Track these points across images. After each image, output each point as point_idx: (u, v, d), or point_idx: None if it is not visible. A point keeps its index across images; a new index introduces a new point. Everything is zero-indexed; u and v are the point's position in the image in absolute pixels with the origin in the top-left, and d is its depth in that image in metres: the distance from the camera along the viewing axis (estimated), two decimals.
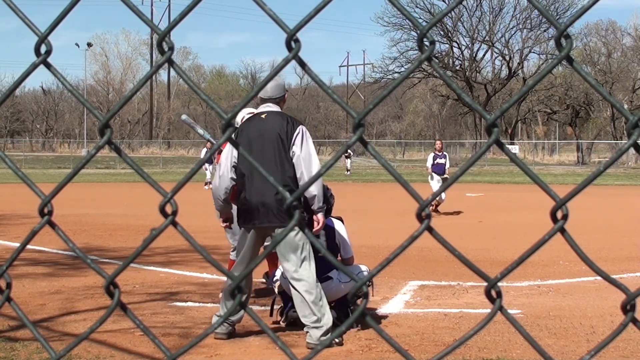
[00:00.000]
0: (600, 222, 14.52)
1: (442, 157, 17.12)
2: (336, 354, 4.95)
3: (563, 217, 0.86)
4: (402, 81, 0.90)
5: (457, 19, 64.65)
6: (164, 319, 6.01)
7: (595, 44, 63.45)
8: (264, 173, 0.94)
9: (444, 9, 0.97)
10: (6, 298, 1.10)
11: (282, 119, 5.39)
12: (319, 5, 0.88)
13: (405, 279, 7.87)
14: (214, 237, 10.82)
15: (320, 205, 5.30)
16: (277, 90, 5.52)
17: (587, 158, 59.23)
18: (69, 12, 0.98)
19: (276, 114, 5.44)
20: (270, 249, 0.98)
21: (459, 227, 13.75)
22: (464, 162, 0.92)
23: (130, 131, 77.78)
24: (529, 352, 4.87)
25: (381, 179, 35.65)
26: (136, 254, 0.99)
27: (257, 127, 5.39)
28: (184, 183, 0.92)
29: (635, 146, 0.85)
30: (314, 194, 5.25)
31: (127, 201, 20.45)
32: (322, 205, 5.33)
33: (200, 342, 0.95)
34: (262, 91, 5.45)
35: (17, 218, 14.73)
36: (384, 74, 65.75)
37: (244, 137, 5.40)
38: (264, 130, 5.36)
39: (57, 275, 8.04)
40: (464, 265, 0.89)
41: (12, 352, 4.90)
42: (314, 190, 5.23)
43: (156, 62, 0.98)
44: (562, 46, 0.85)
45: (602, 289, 7.08)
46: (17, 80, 1.05)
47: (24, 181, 1.05)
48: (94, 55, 79.92)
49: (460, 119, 75.11)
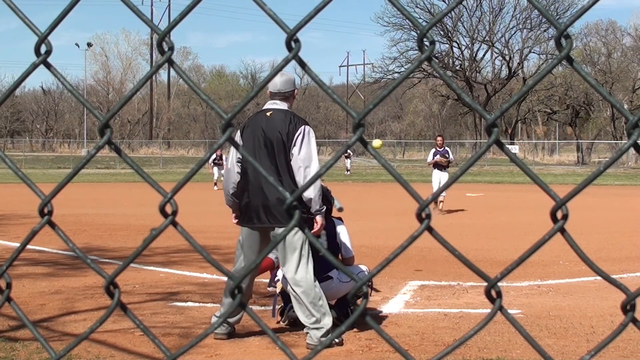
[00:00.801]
0: (600, 222, 14.52)
1: (443, 152, 17.10)
2: (336, 354, 4.95)
3: (563, 217, 0.86)
4: (402, 81, 0.90)
5: (457, 19, 64.64)
6: (164, 319, 6.01)
7: (595, 44, 63.46)
8: (264, 173, 0.94)
9: (444, 9, 0.97)
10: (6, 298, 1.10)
11: (286, 118, 5.34)
12: (319, 5, 0.88)
13: (405, 279, 7.87)
14: (214, 237, 10.83)
15: (318, 208, 5.28)
16: (286, 85, 5.46)
17: (587, 158, 59.23)
18: (69, 12, 0.98)
19: (281, 112, 5.38)
20: (270, 248, 0.98)
21: (459, 227, 13.75)
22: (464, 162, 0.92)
23: (130, 131, 77.77)
24: (529, 352, 4.87)
25: (381, 179, 35.64)
26: (136, 254, 0.99)
27: (261, 125, 5.36)
28: (184, 183, 0.92)
29: (635, 146, 0.85)
30: (310, 197, 5.22)
31: (127, 201, 20.45)
32: (320, 208, 5.31)
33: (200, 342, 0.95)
34: (271, 85, 5.43)
35: (17, 218, 14.73)
36: (384, 74, 65.75)
37: (248, 133, 5.39)
38: (267, 128, 5.33)
39: (57, 275, 8.04)
40: (464, 265, 0.89)
41: (12, 352, 4.90)
42: (311, 193, 5.21)
43: (156, 62, 0.98)
44: (562, 46, 0.85)
45: (602, 289, 7.08)
46: (17, 80, 1.05)
47: (24, 181, 1.05)
48: (94, 55, 79.99)
49: (460, 119, 75.08)
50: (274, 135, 5.29)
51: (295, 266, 5.24)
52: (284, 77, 5.44)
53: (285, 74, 5.53)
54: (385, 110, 78.96)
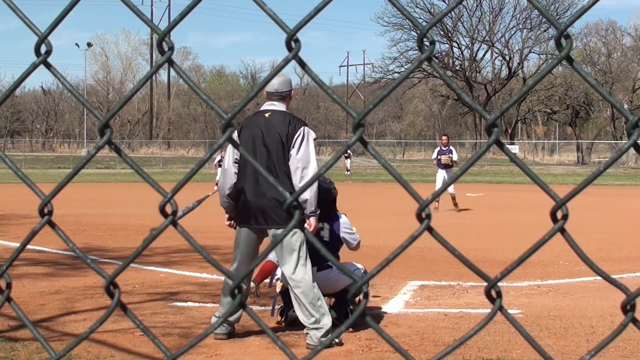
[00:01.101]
0: (600, 222, 14.52)
1: (447, 152, 17.11)
2: (336, 354, 4.95)
3: (563, 217, 0.86)
4: (402, 81, 0.90)
5: (457, 19, 64.66)
6: (164, 319, 6.01)
7: (595, 44, 63.46)
8: (264, 173, 0.94)
9: (444, 9, 0.98)
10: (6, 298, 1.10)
11: (284, 119, 5.34)
12: (319, 5, 0.88)
13: (405, 279, 7.87)
14: (214, 237, 10.82)
15: (313, 210, 5.27)
16: (283, 85, 5.45)
17: (587, 158, 59.23)
18: (69, 12, 0.98)
19: (280, 113, 5.38)
20: (270, 249, 0.98)
21: (459, 227, 13.75)
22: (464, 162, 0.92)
23: (130, 131, 77.77)
24: (529, 352, 4.87)
25: (381, 179, 35.64)
26: (136, 254, 0.99)
27: (260, 126, 5.35)
28: (184, 183, 0.92)
29: (635, 146, 0.85)
30: (306, 198, 5.21)
31: (127, 201, 20.45)
32: (315, 210, 5.29)
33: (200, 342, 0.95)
34: (268, 85, 5.41)
35: (17, 218, 14.73)
36: (384, 74, 65.76)
37: (246, 134, 5.38)
38: (266, 129, 5.32)
39: (57, 275, 8.04)
40: (464, 265, 0.89)
41: (12, 352, 4.90)
42: (307, 195, 5.20)
43: (156, 62, 0.98)
44: (562, 46, 0.85)
45: (602, 289, 7.08)
46: (17, 80, 1.05)
47: (24, 181, 1.05)
48: (94, 55, 79.99)
49: (460, 119, 75.08)
50: (273, 137, 5.28)
51: (294, 267, 5.23)
52: (280, 78, 5.43)
53: (281, 75, 5.49)
54: (385, 110, 78.96)
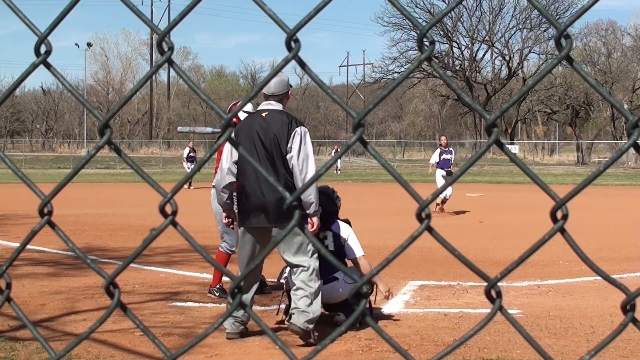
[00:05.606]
0: (600, 222, 14.52)
1: (448, 153, 17.14)
2: (336, 354, 4.95)
3: (563, 217, 0.86)
4: (402, 81, 0.90)
5: (457, 19, 64.65)
6: (164, 319, 6.01)
7: (595, 44, 63.45)
8: (264, 173, 0.93)
9: (444, 9, 0.97)
10: (6, 298, 1.10)
11: (282, 119, 5.34)
12: (319, 5, 0.88)
13: (405, 279, 7.87)
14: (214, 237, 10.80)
15: (315, 209, 5.28)
16: (280, 86, 5.45)
17: (587, 158, 59.23)
18: (68, 12, 0.98)
19: (277, 113, 5.38)
20: (270, 248, 0.98)
21: (459, 227, 13.75)
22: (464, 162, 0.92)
23: (130, 131, 77.77)
24: (529, 352, 4.87)
25: (381, 179, 35.64)
26: (136, 254, 0.99)
27: (257, 126, 5.35)
28: (184, 183, 0.92)
29: (635, 146, 0.85)
30: (307, 198, 5.21)
31: (127, 201, 20.45)
32: (317, 209, 5.30)
33: (200, 342, 0.95)
34: (265, 87, 5.41)
35: (17, 218, 14.73)
36: (383, 74, 65.77)
37: (243, 135, 5.38)
38: (263, 129, 5.32)
39: (57, 275, 8.04)
40: (464, 265, 0.89)
41: (12, 352, 4.90)
42: (307, 195, 5.20)
43: (156, 62, 0.98)
44: (562, 46, 0.85)
45: (602, 289, 7.08)
46: (17, 80, 1.05)
47: (24, 181, 1.05)
48: (94, 55, 79.97)
49: (460, 119, 75.06)
50: (271, 136, 5.28)
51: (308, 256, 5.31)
52: (278, 78, 5.42)
53: (279, 75, 5.49)
54: (385, 110, 78.95)
